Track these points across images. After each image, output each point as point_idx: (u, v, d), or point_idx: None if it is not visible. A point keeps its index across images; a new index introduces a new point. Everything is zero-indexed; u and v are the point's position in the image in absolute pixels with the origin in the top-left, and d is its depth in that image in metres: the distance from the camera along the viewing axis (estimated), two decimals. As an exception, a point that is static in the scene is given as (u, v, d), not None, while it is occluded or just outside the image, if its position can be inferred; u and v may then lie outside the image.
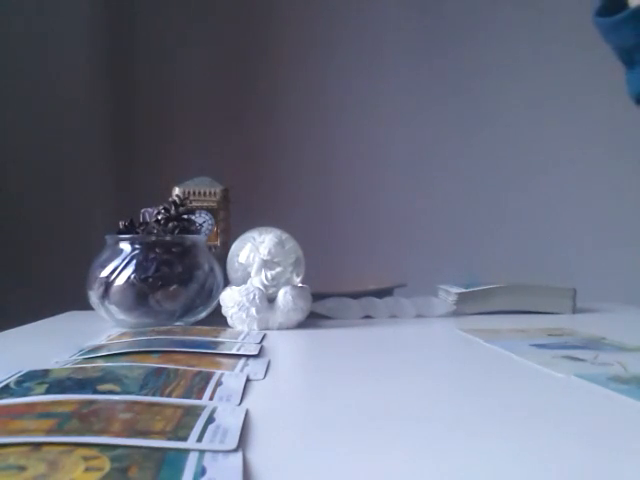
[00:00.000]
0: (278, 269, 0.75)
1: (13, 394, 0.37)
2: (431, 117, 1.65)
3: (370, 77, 1.66)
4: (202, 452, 0.27)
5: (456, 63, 1.64)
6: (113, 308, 0.72)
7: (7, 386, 0.39)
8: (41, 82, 1.41)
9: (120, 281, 0.71)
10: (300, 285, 0.76)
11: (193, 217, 0.83)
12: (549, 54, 1.60)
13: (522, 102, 1.63)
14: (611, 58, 0.65)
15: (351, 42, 1.66)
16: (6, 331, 0.68)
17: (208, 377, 0.43)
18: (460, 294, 0.87)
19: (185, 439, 0.29)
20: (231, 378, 0.43)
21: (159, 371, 0.44)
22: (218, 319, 0.74)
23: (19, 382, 0.40)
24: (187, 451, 0.27)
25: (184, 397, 0.37)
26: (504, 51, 1.63)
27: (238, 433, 0.31)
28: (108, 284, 0.71)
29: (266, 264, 0.75)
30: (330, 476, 0.27)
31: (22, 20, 1.40)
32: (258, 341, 0.61)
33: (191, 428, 0.30)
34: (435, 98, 1.65)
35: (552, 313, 0.87)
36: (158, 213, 0.77)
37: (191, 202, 0.84)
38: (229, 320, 0.73)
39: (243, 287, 0.73)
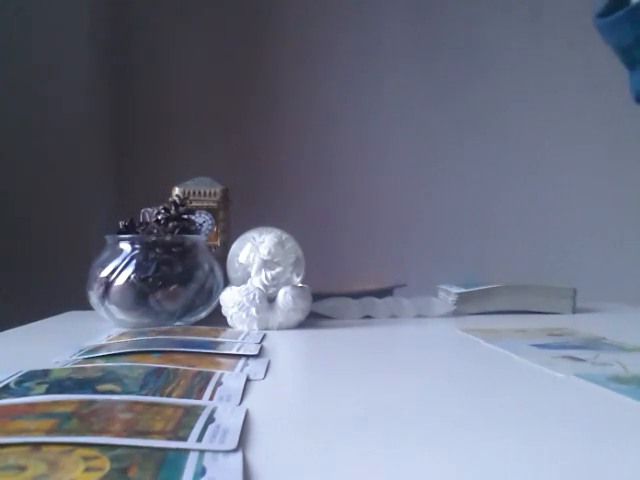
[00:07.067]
0: (278, 269, 0.75)
1: (13, 394, 0.37)
2: (431, 117, 1.65)
3: (370, 78, 1.66)
4: (202, 452, 0.27)
5: (456, 63, 1.64)
6: (113, 308, 0.72)
7: (7, 386, 0.39)
8: (41, 82, 1.41)
9: (120, 281, 0.71)
10: (300, 285, 0.76)
11: (193, 217, 0.83)
12: (549, 55, 1.60)
13: (522, 103, 1.63)
14: (610, 58, 0.65)
15: (351, 43, 1.66)
16: (6, 331, 0.68)
17: (208, 377, 0.43)
18: (460, 294, 0.87)
19: (185, 439, 0.29)
20: (231, 378, 0.43)
21: (159, 371, 0.44)
22: (218, 319, 0.74)
23: (19, 382, 0.40)
24: (187, 451, 0.27)
25: (184, 397, 0.37)
26: (504, 52, 1.63)
27: (238, 433, 0.31)
28: (108, 284, 0.71)
29: (266, 264, 0.75)
30: (330, 476, 0.27)
31: (23, 19, 1.40)
32: (258, 341, 0.61)
33: (191, 428, 0.30)
34: (435, 98, 1.65)
35: (552, 313, 0.87)
36: (158, 213, 0.77)
37: (191, 202, 0.84)
38: (229, 320, 0.73)
39: (243, 287, 0.73)
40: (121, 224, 0.76)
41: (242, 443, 0.30)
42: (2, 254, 1.28)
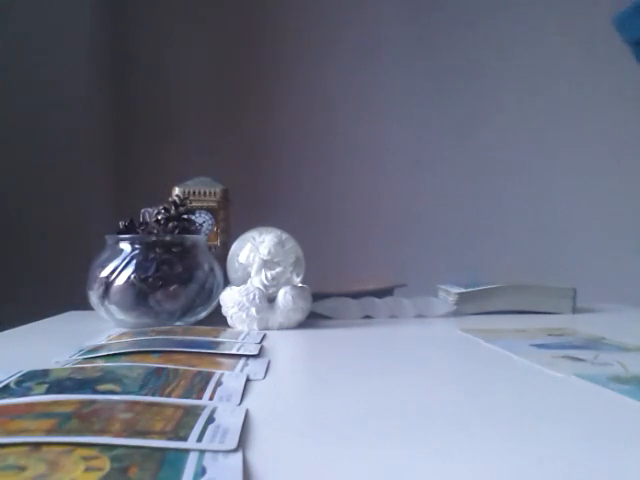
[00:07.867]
0: (278, 269, 0.75)
1: (13, 394, 0.37)
2: (431, 116, 1.65)
3: (369, 77, 1.66)
4: (202, 452, 0.27)
5: (456, 62, 1.64)
6: (113, 308, 0.72)
7: (7, 386, 0.39)
8: (41, 82, 1.41)
9: (120, 281, 0.71)
10: (300, 285, 0.76)
11: (193, 217, 0.83)
12: (549, 54, 1.60)
13: (522, 102, 1.63)
14: (610, 59, 0.65)
15: (351, 43, 1.66)
16: (6, 331, 0.68)
17: (208, 377, 0.43)
18: (460, 294, 0.87)
19: (185, 439, 0.29)
20: (231, 378, 0.43)
21: (159, 371, 0.44)
22: (218, 319, 0.74)
23: (19, 382, 0.40)
24: (187, 451, 0.27)
25: (184, 397, 0.37)
26: (504, 51, 1.63)
27: (238, 433, 0.31)
28: (108, 284, 0.71)
29: (266, 264, 0.75)
30: (330, 476, 0.27)
31: (24, 20, 1.40)
32: (258, 341, 0.61)
33: (191, 428, 0.30)
34: (435, 98, 1.65)
35: (552, 313, 0.87)
36: (158, 213, 0.77)
37: (191, 202, 0.84)
38: (229, 320, 0.73)
39: (243, 287, 0.73)
40: (121, 224, 0.76)
41: (242, 443, 0.30)
42: (2, 254, 1.28)
